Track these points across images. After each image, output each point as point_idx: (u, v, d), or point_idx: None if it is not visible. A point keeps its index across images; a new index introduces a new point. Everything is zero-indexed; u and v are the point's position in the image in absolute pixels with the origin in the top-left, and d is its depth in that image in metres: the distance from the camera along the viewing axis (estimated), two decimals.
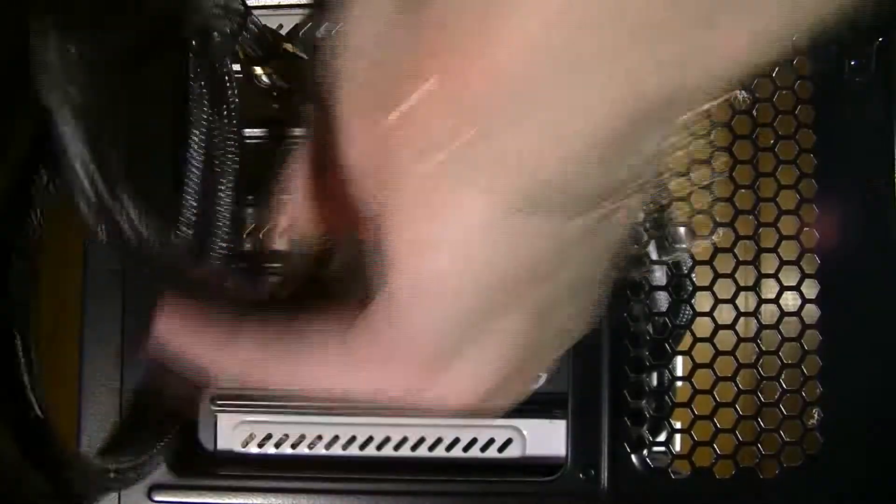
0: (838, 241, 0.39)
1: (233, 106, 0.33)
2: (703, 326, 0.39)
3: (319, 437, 0.40)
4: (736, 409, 0.39)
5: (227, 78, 0.32)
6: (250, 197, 0.40)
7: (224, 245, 0.31)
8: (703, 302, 0.39)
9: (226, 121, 0.33)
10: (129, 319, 0.39)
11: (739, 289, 0.39)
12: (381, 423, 0.39)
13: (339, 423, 0.40)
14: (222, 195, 0.33)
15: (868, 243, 0.39)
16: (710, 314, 0.39)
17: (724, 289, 0.39)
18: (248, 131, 0.40)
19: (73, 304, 0.40)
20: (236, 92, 0.33)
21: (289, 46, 0.37)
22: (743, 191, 0.39)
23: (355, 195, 0.22)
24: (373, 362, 0.24)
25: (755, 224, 0.39)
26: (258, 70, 0.36)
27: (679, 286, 0.39)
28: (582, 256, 0.21)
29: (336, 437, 0.40)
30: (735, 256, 0.39)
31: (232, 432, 0.40)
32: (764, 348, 0.39)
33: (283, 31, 0.41)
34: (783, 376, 0.39)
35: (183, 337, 0.25)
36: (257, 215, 0.40)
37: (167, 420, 0.35)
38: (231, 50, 0.32)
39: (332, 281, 0.27)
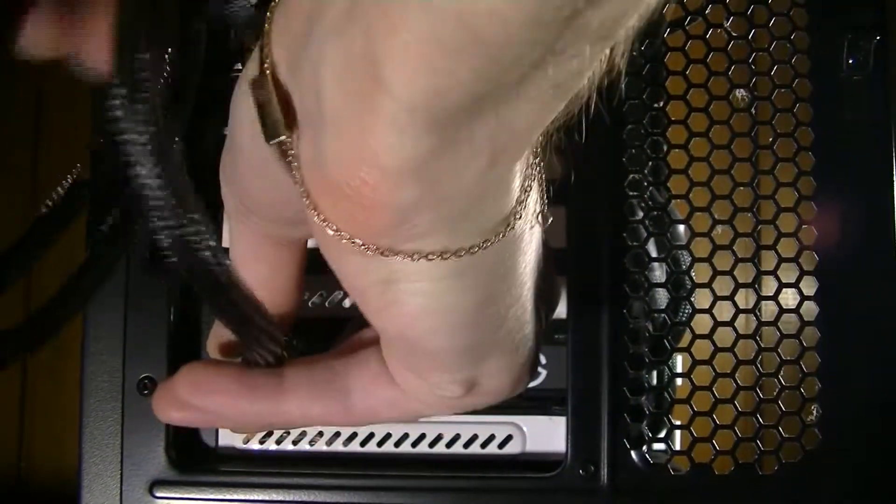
0: (837, 238, 0.39)
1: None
2: (702, 323, 0.39)
3: (321, 434, 0.40)
4: (735, 405, 0.39)
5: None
6: None
7: None
8: (702, 299, 0.39)
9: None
10: (130, 319, 0.39)
11: (738, 286, 0.39)
12: None
13: None
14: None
15: (866, 240, 0.39)
16: (709, 311, 0.39)
17: (724, 286, 0.39)
18: None
19: None
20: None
21: None
22: (742, 188, 0.39)
23: None
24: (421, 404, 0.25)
25: (754, 221, 0.39)
26: None
27: (678, 283, 0.39)
28: None
29: (337, 434, 0.40)
30: (734, 254, 0.39)
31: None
32: (763, 345, 0.39)
33: None
34: (782, 373, 0.39)
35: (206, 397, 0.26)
36: None
37: None
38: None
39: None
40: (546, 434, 0.40)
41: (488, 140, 0.19)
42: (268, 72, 0.21)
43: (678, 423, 0.39)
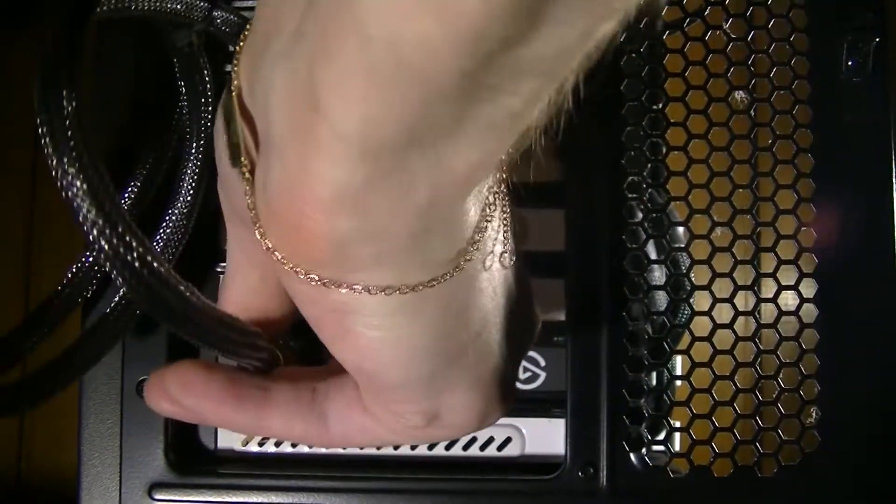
0: (836, 240, 0.39)
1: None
2: (701, 325, 0.39)
3: None
4: (734, 407, 0.39)
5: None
6: None
7: None
8: (701, 301, 0.39)
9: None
10: None
11: (738, 288, 0.39)
12: None
13: None
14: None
15: (866, 243, 0.39)
16: (708, 313, 0.39)
17: (723, 288, 0.39)
18: None
19: None
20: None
21: None
22: (741, 190, 0.39)
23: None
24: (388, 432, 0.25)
25: (753, 223, 0.39)
26: None
27: (678, 285, 0.39)
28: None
29: None
30: (733, 256, 0.39)
31: (232, 431, 0.40)
32: (762, 347, 0.39)
33: None
34: (781, 375, 0.39)
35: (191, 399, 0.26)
36: None
37: None
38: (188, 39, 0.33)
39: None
40: (545, 436, 0.40)
41: (426, 177, 0.18)
42: (234, 94, 0.20)
43: (677, 425, 0.39)
